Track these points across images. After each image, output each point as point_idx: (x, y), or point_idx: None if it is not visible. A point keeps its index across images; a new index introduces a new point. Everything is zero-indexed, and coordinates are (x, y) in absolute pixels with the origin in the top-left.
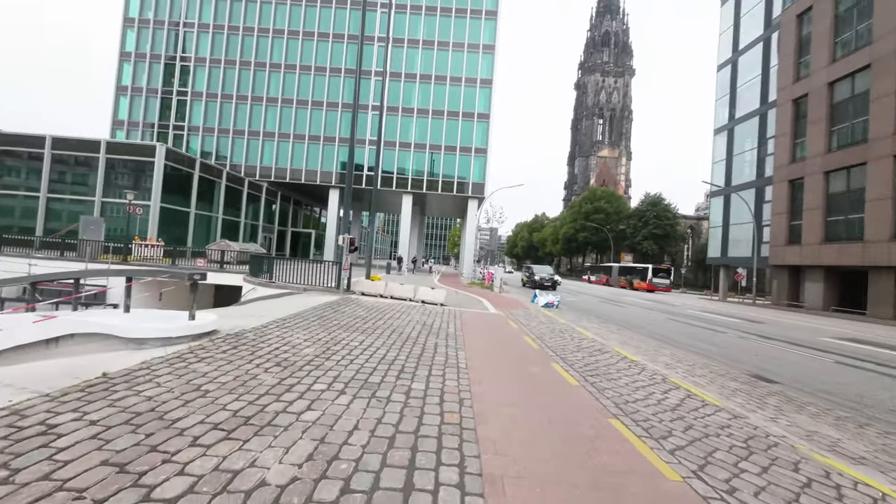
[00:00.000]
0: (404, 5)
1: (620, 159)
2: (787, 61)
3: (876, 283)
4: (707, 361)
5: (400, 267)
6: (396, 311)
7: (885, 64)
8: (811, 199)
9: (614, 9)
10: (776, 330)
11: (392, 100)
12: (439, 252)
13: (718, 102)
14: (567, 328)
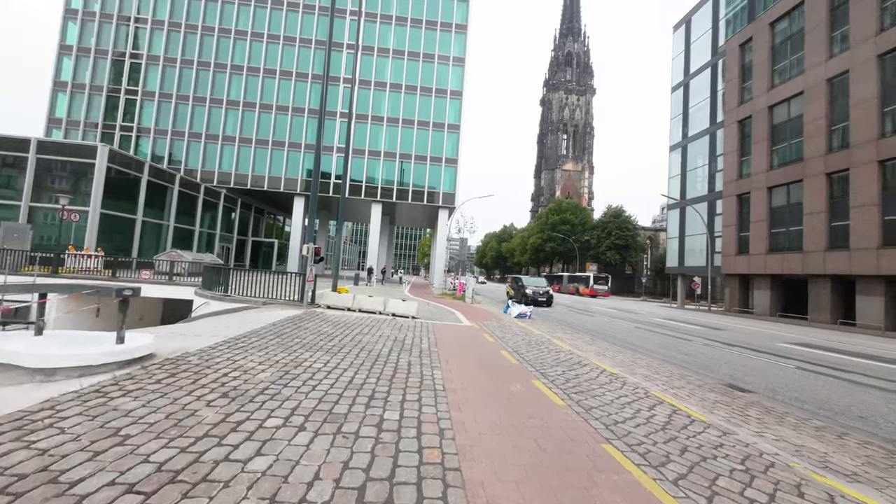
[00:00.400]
0: (374, 14)
1: (584, 173)
2: (732, 86)
3: (815, 290)
4: (682, 372)
5: (370, 278)
6: (365, 325)
7: (815, 91)
8: (757, 212)
9: (576, 31)
10: (736, 336)
11: (361, 107)
12: (409, 262)
13: (673, 121)
14: (542, 340)
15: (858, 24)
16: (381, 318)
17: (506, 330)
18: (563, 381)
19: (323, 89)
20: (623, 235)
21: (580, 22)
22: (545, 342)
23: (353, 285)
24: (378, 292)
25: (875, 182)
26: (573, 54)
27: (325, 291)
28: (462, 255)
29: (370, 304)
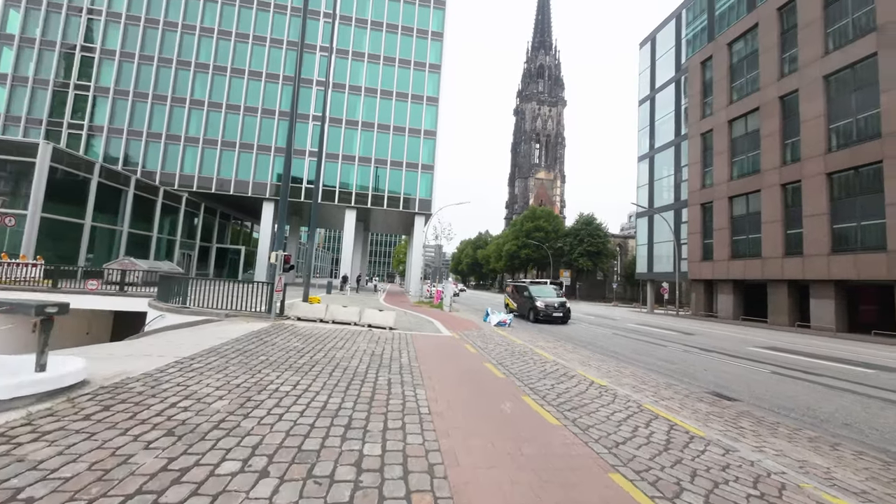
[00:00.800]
0: (348, 17)
1: (556, 182)
2: (694, 100)
3: (774, 294)
4: (667, 380)
5: (344, 286)
6: (339, 338)
7: (769, 108)
8: (719, 220)
9: (548, 45)
10: (708, 341)
11: (335, 110)
12: (384, 269)
13: (640, 133)
14: (526, 350)
15: (806, 48)
16: (356, 329)
17: (487, 340)
18: (554, 396)
19: (294, 91)
20: (595, 242)
21: (551, 36)
22: (528, 352)
23: (325, 294)
24: (353, 301)
25: (824, 193)
26: (545, 67)
27: (295, 302)
28: (438, 262)
29: (344, 314)
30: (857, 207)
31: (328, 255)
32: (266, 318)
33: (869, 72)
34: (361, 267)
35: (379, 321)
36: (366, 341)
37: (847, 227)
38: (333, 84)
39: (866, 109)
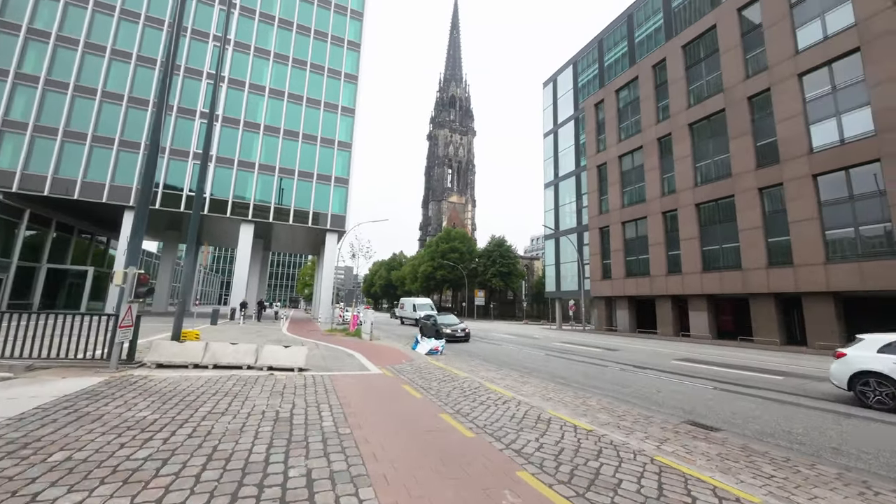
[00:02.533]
0: (251, 10)
1: (467, 206)
2: (590, 137)
3: (660, 308)
4: (638, 410)
5: (238, 315)
6: (223, 394)
7: (650, 147)
8: (615, 242)
9: (458, 78)
10: (633, 356)
11: (232, 110)
12: (285, 293)
13: (546, 163)
14: (476, 386)
15: (675, 99)
16: (250, 376)
17: (427, 375)
18: (554, 464)
19: (166, 76)
20: (506, 263)
21: (462, 71)
22: (482, 389)
23: (210, 326)
24: (247, 334)
25: (694, 221)
26: (456, 98)
27: (157, 340)
28: (349, 284)
29: (232, 355)
30: (719, 233)
31: (217, 278)
32: (101, 367)
33: (720, 123)
34: (260, 291)
35: (284, 361)
36: (266, 395)
37: (713, 250)
38: (232, 81)
39: (720, 153)
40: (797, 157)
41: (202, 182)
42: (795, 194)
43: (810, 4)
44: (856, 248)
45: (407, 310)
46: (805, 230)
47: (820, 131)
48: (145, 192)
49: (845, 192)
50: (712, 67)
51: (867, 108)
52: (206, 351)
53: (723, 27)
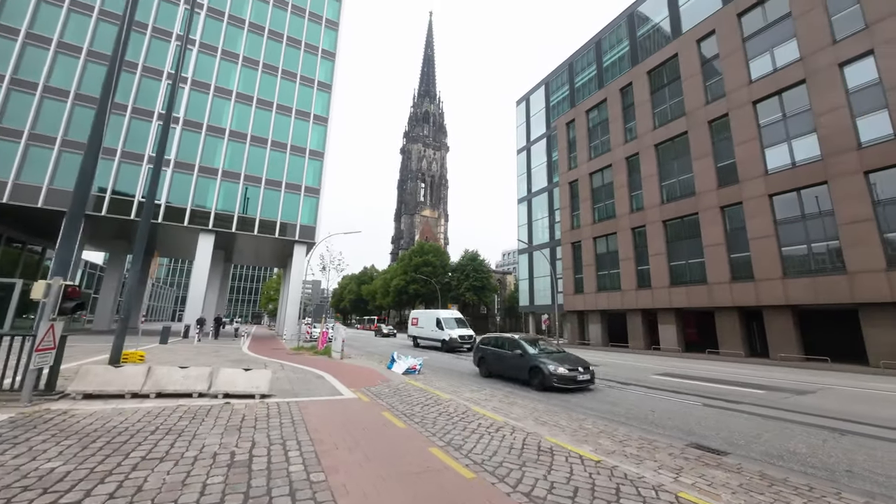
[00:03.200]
0: (219, 12)
1: (440, 220)
2: (563, 154)
3: (631, 322)
4: (627, 431)
5: (194, 332)
6: (165, 432)
7: (619, 165)
8: (587, 257)
9: (432, 94)
10: (615, 371)
11: (194, 113)
12: (247, 309)
13: (519, 178)
14: (460, 409)
15: (641, 121)
16: (202, 405)
17: (408, 399)
18: None
19: (113, 72)
20: (479, 277)
21: (436, 87)
22: (469, 414)
23: (159, 346)
24: (202, 354)
25: (661, 237)
26: (430, 114)
27: (86, 365)
28: (316, 299)
29: (181, 381)
30: (685, 249)
31: (171, 293)
32: (11, 401)
33: (684, 144)
34: (219, 306)
35: (243, 387)
36: (219, 431)
37: (680, 265)
38: (196, 83)
39: (685, 172)
40: (754, 178)
41: (154, 185)
42: (754, 213)
43: (760, 39)
44: (809, 264)
45: (426, 327)
46: (764, 246)
47: (774, 154)
48: (80, 195)
49: (798, 212)
50: (675, 92)
51: (814, 134)
52: (149, 376)
53: (684, 56)
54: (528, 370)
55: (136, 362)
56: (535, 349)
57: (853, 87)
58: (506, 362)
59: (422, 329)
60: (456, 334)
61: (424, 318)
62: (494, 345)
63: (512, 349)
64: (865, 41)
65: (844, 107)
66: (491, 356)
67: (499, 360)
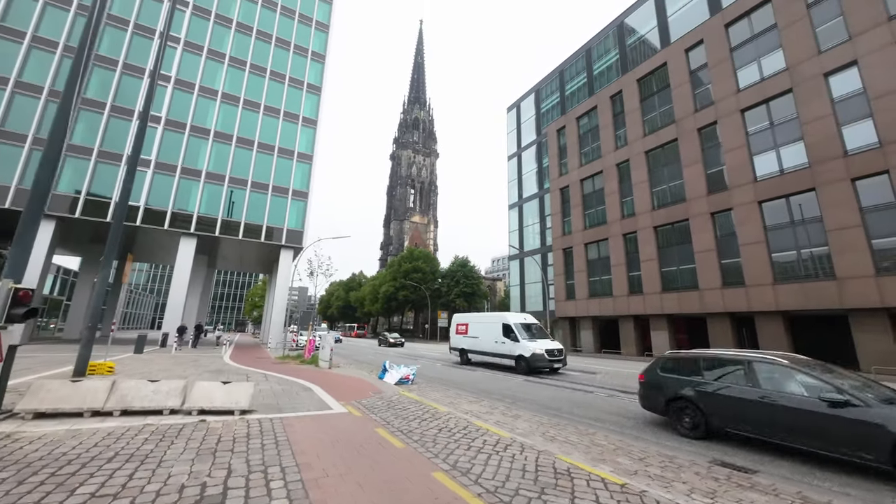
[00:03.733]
0: (206, 10)
1: (429, 226)
2: (553, 160)
3: (623, 328)
4: (643, 447)
5: (165, 341)
6: (125, 459)
7: (610, 172)
8: (578, 263)
9: (422, 101)
10: (613, 380)
11: (178, 113)
12: (231, 316)
13: (510, 184)
14: (461, 423)
15: (631, 128)
16: (172, 424)
17: (403, 413)
18: None
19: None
20: (469, 283)
21: (425, 94)
22: (472, 429)
23: (133, 355)
24: (179, 365)
25: (652, 243)
26: (420, 120)
27: (40, 380)
28: (303, 306)
29: (151, 396)
30: (676, 254)
31: (150, 299)
32: None
33: (674, 151)
34: (201, 313)
35: (221, 402)
36: (190, 456)
37: (671, 271)
38: (179, 82)
39: (675, 179)
40: (743, 185)
41: (129, 184)
42: (744, 219)
43: (748, 49)
44: (799, 270)
45: (483, 336)
46: (754, 252)
47: (762, 162)
48: (39, 192)
49: (787, 218)
50: (665, 100)
51: (801, 142)
52: (113, 391)
53: (673, 65)
54: None
55: (105, 374)
56: None
57: (838, 96)
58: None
59: (476, 340)
60: (540, 348)
61: (480, 324)
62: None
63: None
64: (849, 52)
65: (830, 115)
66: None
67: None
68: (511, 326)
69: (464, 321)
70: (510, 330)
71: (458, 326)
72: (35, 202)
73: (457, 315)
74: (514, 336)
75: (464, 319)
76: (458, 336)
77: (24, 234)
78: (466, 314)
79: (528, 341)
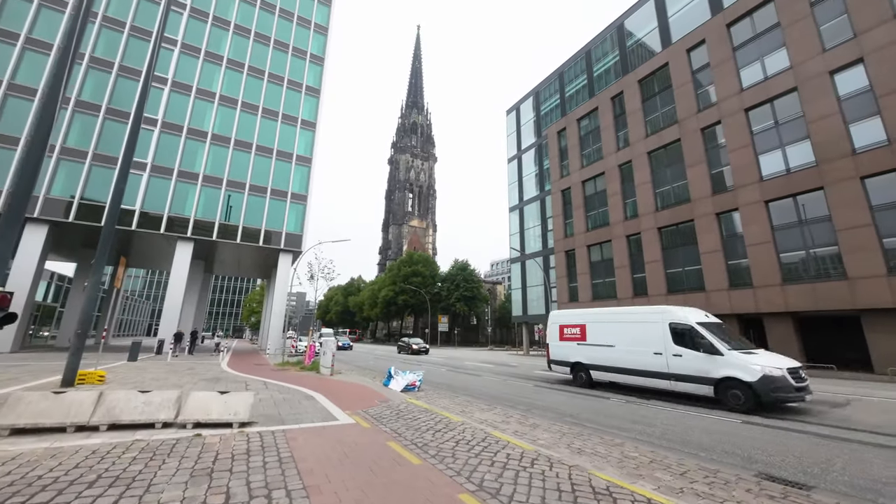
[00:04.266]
0: (203, 13)
1: (428, 230)
2: (554, 162)
3: None
4: (678, 459)
5: (161, 348)
6: (109, 483)
7: (612, 173)
8: (581, 265)
9: (420, 105)
10: None
11: (175, 116)
12: (229, 322)
13: (511, 187)
14: (478, 434)
15: (633, 129)
16: (164, 440)
17: (414, 423)
18: None
19: (61, 65)
20: (470, 287)
21: (423, 99)
22: (490, 441)
23: (127, 363)
24: (175, 373)
25: (657, 244)
26: (418, 124)
27: (19, 391)
28: (301, 311)
29: (142, 408)
30: (681, 256)
31: (147, 306)
32: None
33: (677, 152)
34: (198, 320)
35: (218, 413)
36: (182, 479)
37: (676, 272)
38: (176, 84)
39: (678, 180)
40: (749, 185)
41: (122, 184)
42: (750, 219)
43: (751, 49)
44: (809, 270)
45: (627, 346)
46: (762, 253)
47: (768, 161)
48: (20, 194)
49: (795, 217)
50: (667, 101)
51: (807, 141)
52: (99, 404)
53: (674, 65)
54: None
55: (95, 384)
56: None
57: (844, 94)
58: None
59: (607, 351)
60: (774, 365)
61: (613, 324)
62: None
63: None
64: (855, 50)
65: (837, 114)
66: None
67: None
68: (692, 329)
69: (575, 320)
70: (690, 335)
71: (562, 329)
72: (16, 201)
73: (559, 313)
74: (702, 344)
75: (574, 318)
76: (567, 343)
77: (2, 237)
78: (578, 310)
79: (740, 353)
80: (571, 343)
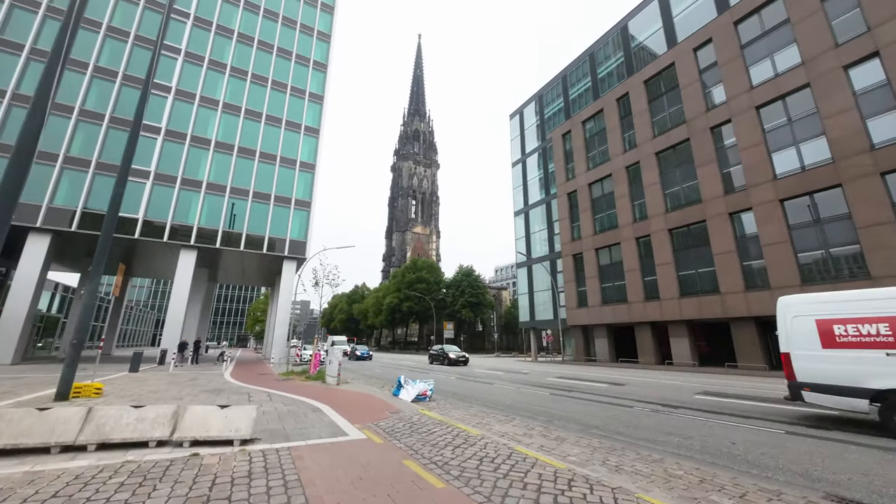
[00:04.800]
0: (207, 21)
1: (431, 236)
2: (559, 165)
3: (640, 335)
4: (730, 477)
5: (163, 358)
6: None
7: (619, 175)
8: (589, 269)
9: (422, 113)
10: (650, 392)
11: (178, 124)
12: (232, 331)
13: (515, 191)
14: (502, 451)
15: (640, 130)
16: (158, 461)
17: (430, 438)
18: None
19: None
20: (475, 293)
21: (425, 106)
22: (516, 458)
23: (128, 374)
24: (176, 385)
25: (668, 246)
26: (420, 132)
27: (4, 408)
28: (305, 319)
29: (134, 424)
30: (693, 257)
31: (151, 316)
32: None
33: (686, 152)
34: (202, 329)
35: (218, 430)
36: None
37: (689, 274)
38: (179, 92)
39: (688, 180)
40: (763, 183)
41: (121, 189)
42: (765, 218)
43: (759, 46)
44: (829, 270)
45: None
46: (778, 253)
47: (781, 159)
48: (6, 201)
49: (813, 216)
50: (674, 100)
51: (823, 137)
52: (88, 421)
53: (681, 65)
54: None
55: (91, 397)
56: None
57: (860, 88)
58: None
59: None
60: None
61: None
62: None
63: None
64: (869, 43)
65: (853, 108)
66: None
67: None
68: None
69: (871, 310)
70: None
71: (832, 326)
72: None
73: (808, 298)
74: None
75: (868, 305)
76: (852, 354)
77: None
78: (866, 290)
79: None
80: (867, 353)
